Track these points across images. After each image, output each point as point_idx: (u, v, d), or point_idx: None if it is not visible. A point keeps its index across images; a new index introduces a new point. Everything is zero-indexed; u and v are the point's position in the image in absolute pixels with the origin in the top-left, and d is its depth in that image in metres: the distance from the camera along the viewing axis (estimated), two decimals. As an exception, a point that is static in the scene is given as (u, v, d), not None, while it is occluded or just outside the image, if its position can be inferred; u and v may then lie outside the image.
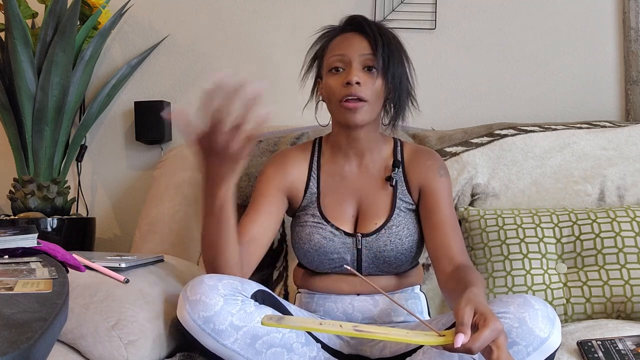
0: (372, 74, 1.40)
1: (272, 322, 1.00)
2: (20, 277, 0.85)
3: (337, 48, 1.42)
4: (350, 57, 1.40)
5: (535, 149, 1.83)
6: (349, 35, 1.43)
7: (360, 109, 1.38)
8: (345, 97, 1.38)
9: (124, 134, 2.23)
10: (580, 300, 1.58)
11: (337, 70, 1.41)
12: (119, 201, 2.23)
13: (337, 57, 1.41)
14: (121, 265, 1.36)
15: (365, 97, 1.38)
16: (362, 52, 1.40)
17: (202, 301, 1.20)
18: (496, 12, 2.13)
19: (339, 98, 1.39)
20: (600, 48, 2.11)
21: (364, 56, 1.40)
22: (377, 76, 1.40)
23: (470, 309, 1.04)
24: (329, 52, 1.44)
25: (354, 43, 1.41)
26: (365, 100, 1.38)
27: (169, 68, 2.22)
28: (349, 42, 1.42)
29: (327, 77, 1.43)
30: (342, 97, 1.38)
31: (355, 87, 1.37)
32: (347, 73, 1.39)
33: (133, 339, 1.23)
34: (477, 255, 1.68)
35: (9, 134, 1.99)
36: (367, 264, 1.44)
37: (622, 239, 1.61)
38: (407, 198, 1.47)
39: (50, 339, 0.65)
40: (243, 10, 2.20)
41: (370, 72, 1.40)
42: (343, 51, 1.41)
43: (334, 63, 1.41)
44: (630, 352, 1.25)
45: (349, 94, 1.37)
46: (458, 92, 2.15)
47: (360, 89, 1.37)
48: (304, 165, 1.51)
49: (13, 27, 1.87)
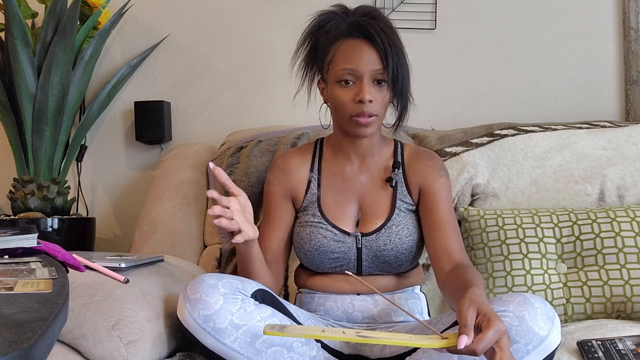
0: (381, 87, 1.39)
1: (274, 331, 1.01)
2: (20, 277, 0.85)
3: (347, 61, 1.38)
4: (361, 72, 1.37)
5: (535, 149, 1.83)
6: (358, 45, 1.39)
7: (371, 124, 1.39)
8: (358, 114, 1.37)
9: (123, 134, 2.23)
10: (580, 300, 1.58)
11: (347, 83, 1.39)
12: (119, 201, 2.23)
13: (346, 71, 1.38)
14: (121, 265, 1.36)
15: (376, 113, 1.38)
16: (373, 67, 1.37)
17: (202, 300, 1.21)
18: (496, 12, 2.13)
19: (350, 114, 1.38)
20: (600, 48, 2.11)
21: (374, 71, 1.37)
22: (386, 89, 1.39)
23: (473, 310, 1.05)
24: (336, 63, 1.40)
25: (363, 56, 1.37)
26: (376, 115, 1.39)
27: (169, 68, 2.22)
28: (359, 55, 1.38)
29: (335, 87, 1.40)
30: (353, 113, 1.38)
31: (367, 105, 1.37)
32: (359, 89, 1.37)
33: (133, 339, 1.23)
34: (477, 255, 1.68)
35: (9, 134, 1.99)
36: (367, 264, 1.44)
37: (622, 239, 1.61)
38: (407, 199, 1.47)
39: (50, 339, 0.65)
40: (243, 10, 2.20)
41: (380, 86, 1.39)
42: (354, 66, 1.37)
43: (343, 76, 1.38)
44: (630, 352, 1.25)
45: (360, 112, 1.37)
46: (458, 92, 2.15)
47: (372, 105, 1.37)
48: (306, 167, 1.52)
49: (13, 27, 1.87)
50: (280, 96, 2.16)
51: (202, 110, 2.21)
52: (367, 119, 1.38)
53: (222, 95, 2.21)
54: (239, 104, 2.20)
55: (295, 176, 1.50)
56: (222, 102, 2.20)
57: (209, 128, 2.20)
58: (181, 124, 2.21)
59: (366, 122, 1.38)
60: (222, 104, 2.20)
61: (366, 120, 1.38)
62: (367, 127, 1.39)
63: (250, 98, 2.19)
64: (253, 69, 2.19)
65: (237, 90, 2.20)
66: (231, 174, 1.86)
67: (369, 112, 1.37)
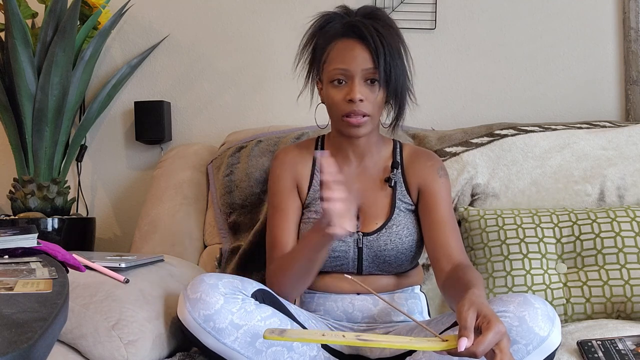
0: (374, 86, 1.39)
1: (274, 335, 1.01)
2: (20, 277, 0.85)
3: (339, 61, 1.39)
4: (352, 71, 1.37)
5: (535, 149, 1.83)
6: (351, 45, 1.39)
7: (364, 124, 1.39)
8: (349, 113, 1.38)
9: (124, 134, 2.23)
10: (580, 300, 1.58)
11: (340, 83, 1.39)
12: (119, 201, 2.23)
13: (338, 71, 1.38)
14: (121, 265, 1.37)
15: (368, 113, 1.38)
16: (364, 67, 1.37)
17: (203, 300, 1.21)
18: (496, 12, 2.13)
19: (342, 113, 1.39)
20: (600, 48, 2.11)
21: (365, 70, 1.37)
22: (379, 88, 1.39)
23: (473, 312, 1.04)
24: (330, 62, 1.41)
25: (355, 56, 1.38)
26: (369, 115, 1.39)
27: (169, 68, 2.22)
28: (351, 54, 1.38)
29: (329, 87, 1.41)
30: (344, 113, 1.38)
31: (357, 104, 1.37)
32: (350, 89, 1.37)
33: (133, 339, 1.23)
34: (477, 255, 1.68)
35: (9, 134, 1.99)
36: (367, 263, 1.44)
37: (622, 239, 1.61)
38: (406, 199, 1.47)
39: (50, 339, 0.65)
40: (243, 10, 2.20)
41: (372, 85, 1.39)
42: (345, 65, 1.38)
43: (335, 76, 1.39)
44: (630, 352, 1.25)
45: (351, 111, 1.37)
46: (458, 92, 2.15)
47: (363, 104, 1.37)
48: (308, 162, 1.52)
49: (13, 27, 1.86)
50: (280, 96, 2.16)
51: (202, 110, 2.21)
52: (359, 119, 1.37)
53: (222, 95, 2.21)
54: (239, 104, 2.20)
55: (299, 170, 1.51)
56: (222, 102, 2.20)
57: (209, 128, 2.20)
58: (181, 124, 2.21)
59: (358, 122, 1.38)
60: (222, 104, 2.20)
61: (358, 121, 1.38)
62: (359, 127, 1.39)
63: (250, 98, 2.19)
64: (253, 69, 2.19)
65: (237, 90, 2.20)
66: (231, 174, 1.86)
67: (360, 112, 1.37)
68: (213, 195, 1.90)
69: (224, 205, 1.84)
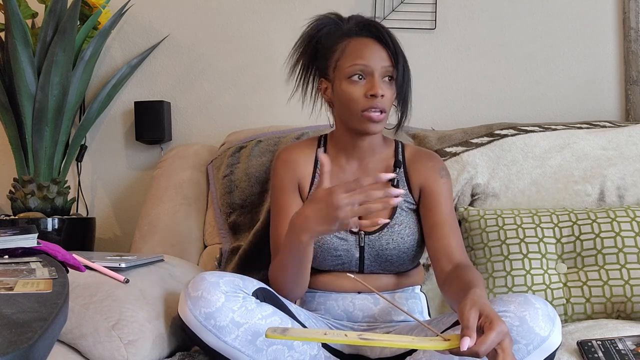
0: (390, 84, 1.42)
1: (276, 334, 1.01)
2: (20, 277, 0.85)
3: (358, 57, 1.41)
4: (372, 67, 1.40)
5: (535, 149, 1.83)
6: (368, 43, 1.43)
7: (381, 121, 1.41)
8: (369, 109, 1.39)
9: (123, 134, 2.23)
10: (580, 300, 1.58)
11: (360, 78, 1.41)
12: (119, 201, 2.23)
13: (358, 67, 1.40)
14: (121, 265, 1.37)
15: (386, 109, 1.41)
16: (384, 64, 1.41)
17: (204, 297, 1.21)
18: (496, 12, 2.13)
19: (362, 108, 1.40)
20: (600, 48, 2.11)
21: (384, 68, 1.41)
22: (394, 87, 1.43)
23: (475, 312, 1.05)
24: (346, 59, 1.42)
25: (374, 53, 1.41)
26: (385, 111, 1.42)
27: (169, 68, 2.22)
28: (370, 51, 1.41)
29: (345, 83, 1.42)
30: (365, 108, 1.40)
31: (379, 100, 1.39)
32: (371, 84, 1.39)
33: (133, 339, 1.23)
34: (477, 255, 1.68)
35: (9, 134, 1.99)
36: (369, 262, 1.44)
37: (622, 239, 1.61)
38: (408, 198, 1.48)
39: (50, 339, 0.65)
40: (243, 10, 2.20)
41: (390, 82, 1.42)
42: (366, 61, 1.40)
43: (354, 71, 1.41)
44: (630, 352, 1.25)
45: (373, 106, 1.39)
46: (458, 92, 2.15)
47: (383, 100, 1.40)
48: (310, 161, 1.52)
49: (13, 27, 1.86)
50: (280, 96, 2.15)
51: (202, 110, 2.21)
52: (379, 115, 1.40)
53: (222, 95, 2.21)
54: (239, 104, 2.20)
55: (301, 169, 1.51)
56: (222, 102, 2.20)
57: (209, 128, 2.20)
58: (181, 124, 2.21)
59: (378, 118, 1.40)
60: (222, 104, 2.20)
61: (379, 117, 1.40)
62: (378, 123, 1.41)
63: (250, 98, 2.19)
64: (253, 69, 2.19)
65: (237, 90, 2.20)
66: (231, 174, 1.86)
67: (381, 106, 1.39)
68: (213, 195, 1.90)
69: (224, 205, 1.84)
